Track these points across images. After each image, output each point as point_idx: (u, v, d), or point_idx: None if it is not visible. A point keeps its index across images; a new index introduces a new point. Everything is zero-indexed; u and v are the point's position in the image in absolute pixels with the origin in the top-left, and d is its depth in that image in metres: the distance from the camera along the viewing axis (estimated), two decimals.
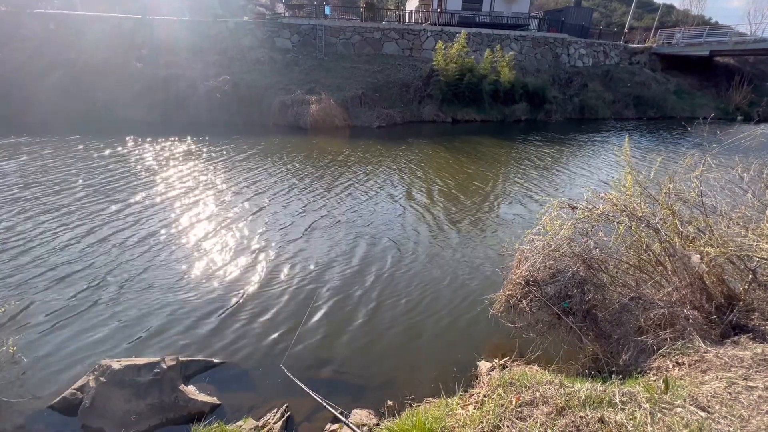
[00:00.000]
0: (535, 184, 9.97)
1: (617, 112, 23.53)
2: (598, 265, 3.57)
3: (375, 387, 3.70)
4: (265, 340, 4.21)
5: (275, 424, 3.14)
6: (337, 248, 6.22)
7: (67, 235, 6.05)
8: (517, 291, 3.63)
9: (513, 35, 24.27)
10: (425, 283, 5.37)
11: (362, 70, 19.70)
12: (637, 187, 3.56)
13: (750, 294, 3.07)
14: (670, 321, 3.07)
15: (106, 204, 7.29)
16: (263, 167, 10.16)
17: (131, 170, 9.25)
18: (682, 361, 2.68)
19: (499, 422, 2.29)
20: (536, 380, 2.66)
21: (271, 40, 19.84)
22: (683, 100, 25.87)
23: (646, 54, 28.88)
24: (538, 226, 3.84)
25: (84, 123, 13.28)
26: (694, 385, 2.32)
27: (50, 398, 3.32)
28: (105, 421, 3.13)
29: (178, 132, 13.24)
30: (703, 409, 2.06)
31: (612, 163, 12.59)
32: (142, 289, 4.91)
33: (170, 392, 3.33)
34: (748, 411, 2.00)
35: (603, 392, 2.32)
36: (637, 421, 2.01)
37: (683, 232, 3.26)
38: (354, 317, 4.64)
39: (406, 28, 22.55)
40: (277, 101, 16.10)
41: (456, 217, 7.71)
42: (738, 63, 30.40)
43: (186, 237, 6.29)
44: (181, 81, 15.73)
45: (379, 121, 17.19)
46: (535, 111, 20.87)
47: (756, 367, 2.35)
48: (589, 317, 3.41)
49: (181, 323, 4.38)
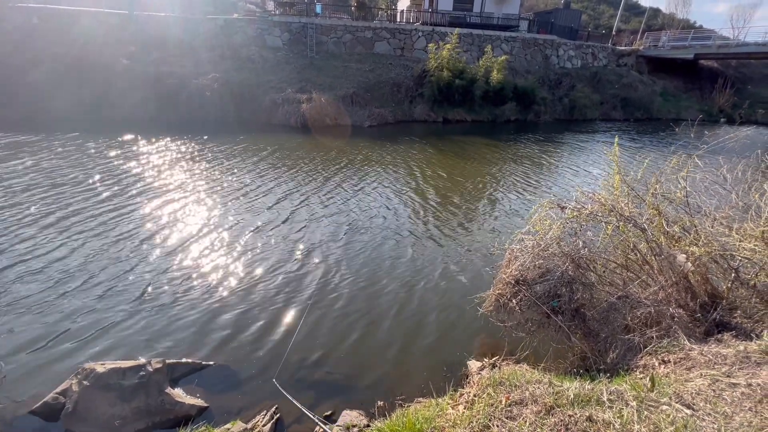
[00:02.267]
0: (525, 184, 10.06)
1: (605, 114, 23.90)
2: (587, 265, 3.61)
3: (365, 387, 3.69)
4: (253, 342, 4.16)
5: (264, 426, 3.10)
6: (326, 247, 6.18)
7: (46, 238, 5.89)
8: (507, 290, 3.65)
9: (503, 36, 24.46)
10: (415, 284, 5.37)
11: (354, 69, 19.65)
12: (624, 187, 3.61)
13: (733, 292, 3.14)
14: (656, 319, 3.12)
15: (88, 204, 7.13)
16: (252, 167, 10.06)
17: (114, 170, 9.07)
18: (667, 359, 2.72)
19: (489, 422, 2.30)
20: (526, 379, 2.67)
21: (261, 38, 19.67)
22: (669, 102, 26.39)
23: (633, 56, 29.37)
24: (528, 225, 3.87)
25: (69, 121, 12.98)
26: (680, 382, 2.35)
27: (31, 403, 3.23)
28: (89, 426, 3.06)
29: (166, 131, 13.02)
30: (688, 407, 2.09)
31: (600, 162, 12.77)
32: (125, 292, 4.81)
33: (157, 395, 3.27)
34: (732, 408, 2.03)
35: (591, 391, 2.34)
36: (624, 419, 2.03)
37: (669, 232, 3.32)
38: (344, 320, 4.62)
39: (398, 28, 22.56)
40: (268, 100, 15.96)
41: (447, 217, 7.73)
42: (721, 66, 31.12)
43: (170, 238, 6.19)
44: (171, 79, 15.47)
45: (371, 120, 17.16)
46: (524, 112, 21.08)
47: (738, 365, 2.40)
48: (578, 316, 3.44)
49: (167, 326, 4.30)
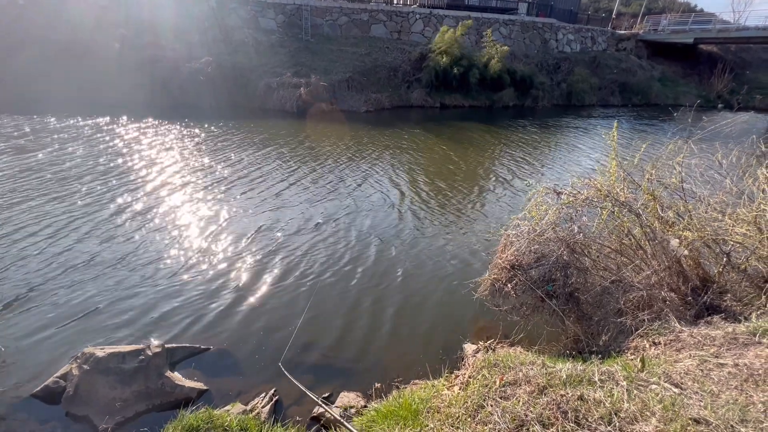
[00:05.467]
0: (522, 170, 10.05)
1: (603, 99, 23.73)
2: (581, 250, 3.65)
3: (363, 370, 3.76)
4: (252, 325, 4.20)
5: (263, 408, 3.16)
6: (324, 232, 6.19)
7: (42, 223, 5.85)
8: (503, 275, 3.69)
9: (502, 19, 24.03)
10: (412, 269, 5.41)
11: (349, 53, 19.30)
12: (621, 173, 3.62)
13: (724, 276, 3.19)
14: (648, 303, 3.18)
15: (81, 189, 7.06)
16: (250, 153, 9.95)
17: (105, 154, 8.95)
18: (658, 341, 2.78)
19: (484, 402, 2.36)
20: (519, 361, 2.73)
21: (255, 20, 19.20)
22: (667, 88, 26.21)
23: (633, 41, 29.01)
24: (524, 211, 3.89)
25: (58, 104, 12.71)
26: (669, 363, 2.41)
27: (32, 387, 3.27)
28: (89, 409, 3.11)
29: (158, 115, 12.80)
30: (677, 386, 2.15)
31: (597, 149, 12.76)
32: (123, 278, 4.81)
33: (156, 379, 3.32)
34: (718, 387, 2.09)
35: (583, 371, 2.40)
36: (614, 398, 2.09)
37: (663, 217, 3.35)
38: (343, 304, 4.66)
39: (395, 10, 22.10)
40: (263, 84, 15.68)
41: (444, 202, 7.74)
42: (720, 51, 30.83)
43: (166, 223, 6.16)
44: (163, 62, 15.12)
45: (367, 105, 16.95)
46: (522, 97, 20.89)
47: (727, 346, 2.46)
48: (572, 300, 3.50)
49: (166, 311, 4.33)
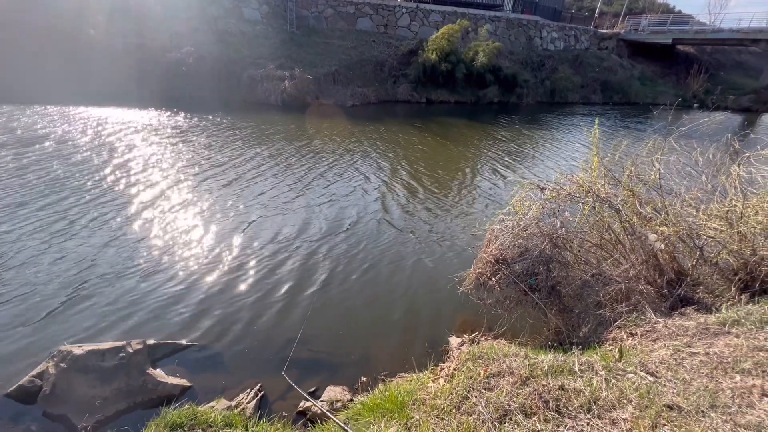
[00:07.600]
0: (506, 165, 10.18)
1: (585, 97, 24.24)
2: (564, 244, 3.74)
3: (349, 364, 3.77)
4: (236, 321, 4.15)
5: (249, 403, 3.14)
6: (307, 229, 6.15)
7: (14, 218, 5.63)
8: (487, 269, 3.74)
9: (488, 15, 24.18)
10: (397, 263, 5.44)
11: (335, 46, 19.10)
12: (602, 169, 3.72)
13: (697, 269, 3.33)
14: (626, 295, 3.29)
15: (56, 186, 6.81)
16: (233, 148, 9.77)
17: (80, 149, 8.65)
18: (635, 332, 2.88)
19: (468, 393, 2.40)
20: (503, 353, 2.78)
21: (238, 10, 18.76)
22: (646, 87, 26.95)
23: (614, 40, 29.66)
24: (509, 206, 3.95)
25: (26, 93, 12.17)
26: (645, 353, 2.51)
27: (6, 386, 3.16)
28: (67, 407, 3.02)
29: (136, 107, 12.42)
30: (652, 374, 2.24)
31: (579, 146, 13.03)
32: (101, 273, 4.67)
33: (138, 376, 3.25)
34: (691, 374, 2.19)
35: (564, 362, 2.47)
36: (593, 387, 2.16)
37: (642, 213, 3.45)
38: (328, 299, 4.65)
39: (381, 3, 21.93)
40: (247, 76, 15.38)
41: (428, 197, 7.79)
42: (697, 52, 31.86)
43: (143, 221, 6.01)
44: (141, 51, 14.65)
45: (353, 99, 16.85)
46: (507, 94, 21.15)
47: (699, 336, 2.57)
48: (554, 293, 3.58)
49: (146, 307, 4.23)
